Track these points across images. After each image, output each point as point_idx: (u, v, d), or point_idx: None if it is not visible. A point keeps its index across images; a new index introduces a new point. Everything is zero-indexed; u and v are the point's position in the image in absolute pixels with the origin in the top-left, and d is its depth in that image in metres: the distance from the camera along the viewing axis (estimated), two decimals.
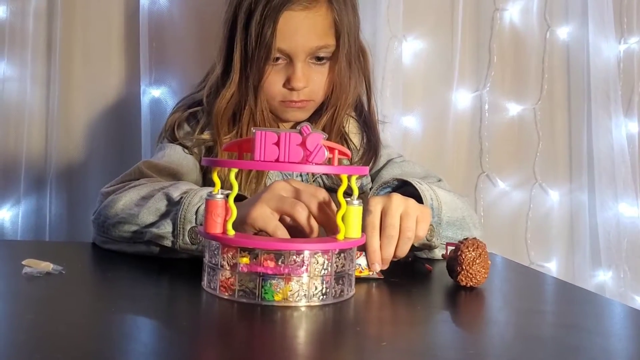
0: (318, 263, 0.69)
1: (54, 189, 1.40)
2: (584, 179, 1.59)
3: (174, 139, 1.10)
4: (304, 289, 0.68)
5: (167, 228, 0.85)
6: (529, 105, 1.59)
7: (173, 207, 0.86)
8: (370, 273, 0.83)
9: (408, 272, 0.90)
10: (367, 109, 1.17)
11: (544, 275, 1.05)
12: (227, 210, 0.72)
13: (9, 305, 0.66)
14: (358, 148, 1.14)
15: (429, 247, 0.94)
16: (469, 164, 1.58)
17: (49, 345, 0.54)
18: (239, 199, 0.81)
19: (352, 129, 1.15)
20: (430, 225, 0.91)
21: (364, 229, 0.80)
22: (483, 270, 0.80)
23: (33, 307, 0.65)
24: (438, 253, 0.96)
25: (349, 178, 0.73)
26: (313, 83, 1.06)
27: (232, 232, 0.71)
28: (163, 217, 0.87)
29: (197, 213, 0.83)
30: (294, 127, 1.06)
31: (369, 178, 1.15)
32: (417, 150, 1.52)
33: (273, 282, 0.68)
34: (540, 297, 0.88)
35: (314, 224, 0.77)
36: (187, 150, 1.09)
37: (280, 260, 0.68)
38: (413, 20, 1.52)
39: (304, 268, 0.68)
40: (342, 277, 0.71)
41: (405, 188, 0.97)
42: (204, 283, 0.73)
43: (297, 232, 0.77)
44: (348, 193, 0.72)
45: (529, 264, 1.57)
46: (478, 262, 0.79)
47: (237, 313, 0.67)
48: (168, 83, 1.42)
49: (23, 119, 1.37)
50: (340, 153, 0.75)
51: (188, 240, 0.84)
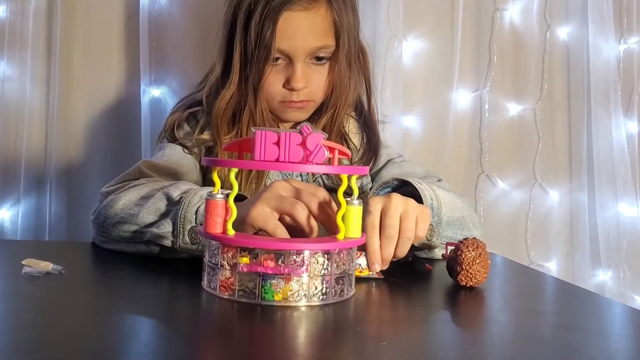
0: (318, 263, 0.69)
1: (54, 189, 1.40)
2: (584, 179, 1.59)
3: (174, 139, 1.10)
4: (304, 289, 0.68)
5: (167, 228, 0.85)
6: (529, 105, 1.59)
7: (173, 206, 0.86)
8: (370, 273, 0.83)
9: (408, 272, 0.90)
10: (367, 109, 1.17)
11: (544, 275, 1.05)
12: (227, 210, 0.72)
13: (9, 305, 0.66)
14: (358, 148, 1.14)
15: (429, 247, 0.94)
16: (469, 164, 1.58)
17: (49, 345, 0.54)
18: (239, 199, 0.81)
19: (352, 129, 1.15)
20: (430, 225, 0.91)
21: (364, 229, 0.80)
22: (483, 270, 0.80)
23: (33, 307, 0.65)
24: (438, 253, 0.96)
25: (349, 178, 0.73)
26: (313, 83, 1.06)
27: (232, 232, 0.71)
28: (163, 216, 0.87)
29: (197, 213, 0.83)
30: (294, 127, 1.06)
31: (369, 178, 1.15)
32: (417, 150, 1.52)
33: (273, 282, 0.68)
34: (540, 297, 0.88)
35: (314, 224, 0.77)
36: (186, 150, 1.09)
37: (280, 260, 0.68)
38: (413, 20, 1.52)
39: (304, 268, 0.68)
40: (342, 277, 0.71)
41: (405, 188, 0.97)
42: (204, 283, 0.73)
43: (297, 231, 0.77)
44: (348, 193, 0.72)
45: (529, 264, 1.57)
46: (478, 262, 0.79)
47: (237, 313, 0.67)
48: (168, 83, 1.42)
49: (23, 119, 1.36)
50: (341, 153, 0.75)
51: (188, 240, 0.84)
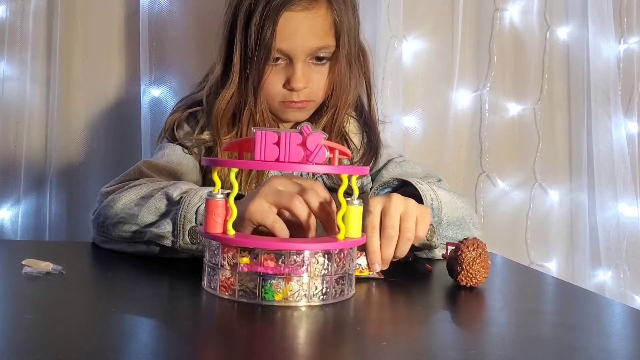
0: (318, 263, 0.69)
1: (54, 189, 1.40)
2: (584, 179, 1.59)
3: (174, 139, 1.10)
4: (304, 289, 0.68)
5: (167, 228, 0.85)
6: (529, 105, 1.59)
7: (173, 206, 0.86)
8: (371, 273, 0.83)
9: (408, 272, 0.90)
10: (367, 109, 1.17)
11: (544, 275, 1.05)
12: (227, 210, 0.72)
13: (9, 305, 0.66)
14: (358, 148, 1.14)
15: (429, 247, 0.94)
16: (469, 164, 1.58)
17: (49, 345, 0.54)
18: (239, 199, 0.81)
19: (352, 129, 1.15)
20: (431, 225, 0.91)
21: (364, 229, 0.80)
22: (483, 270, 0.80)
23: (33, 307, 0.65)
24: (438, 253, 0.96)
25: (350, 178, 0.73)
26: (313, 83, 1.05)
27: (232, 232, 0.71)
28: (163, 216, 0.87)
29: (197, 213, 0.83)
30: (294, 127, 1.06)
31: (369, 178, 1.15)
32: (417, 150, 1.52)
33: (273, 282, 0.68)
34: (540, 297, 0.88)
35: (312, 218, 0.77)
36: (186, 150, 1.09)
37: (281, 260, 0.68)
38: (413, 20, 1.52)
39: (304, 268, 0.68)
40: (342, 277, 0.71)
41: (406, 188, 0.97)
42: (204, 283, 0.73)
43: (295, 226, 0.77)
44: (348, 193, 0.72)
45: (529, 264, 1.57)
46: (478, 262, 0.79)
47: (237, 313, 0.67)
48: (168, 83, 1.42)
49: (23, 119, 1.36)
50: (341, 153, 0.75)
51: (188, 240, 0.84)
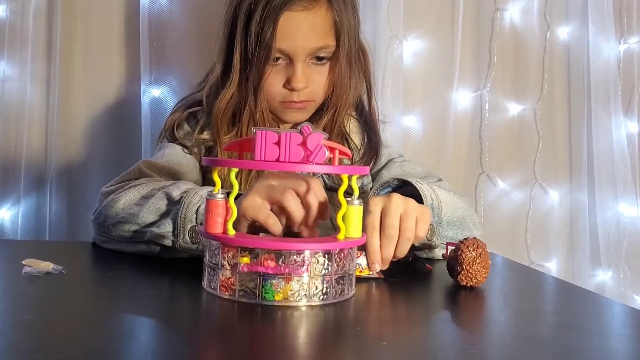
0: (318, 263, 0.69)
1: (54, 189, 1.40)
2: (584, 179, 1.59)
3: (174, 139, 1.10)
4: (305, 289, 0.68)
5: (167, 227, 0.85)
6: (529, 105, 1.59)
7: (173, 206, 0.86)
8: (371, 273, 0.83)
9: (408, 271, 0.90)
10: (367, 109, 1.17)
11: (544, 275, 1.05)
12: (227, 210, 0.72)
13: (9, 305, 0.66)
14: (359, 148, 1.14)
15: (430, 246, 0.94)
16: (469, 164, 1.58)
17: (49, 345, 0.54)
18: None
19: (352, 129, 1.15)
20: (431, 225, 0.91)
21: (364, 229, 0.80)
22: (483, 270, 0.80)
23: (33, 307, 0.65)
24: (438, 253, 0.96)
25: (350, 178, 0.73)
26: (313, 83, 1.05)
27: (232, 231, 0.71)
28: (163, 216, 0.87)
29: (197, 212, 0.83)
30: (295, 127, 1.06)
31: (370, 178, 1.15)
32: (417, 150, 1.52)
33: (273, 281, 0.68)
34: (540, 297, 0.88)
35: (311, 209, 0.76)
36: (186, 150, 1.09)
37: (281, 260, 0.68)
38: (413, 20, 1.52)
39: (305, 268, 0.68)
40: (342, 277, 0.71)
41: (406, 188, 0.97)
42: (204, 283, 0.73)
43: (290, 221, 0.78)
44: (349, 193, 0.72)
45: (529, 264, 1.57)
46: (478, 261, 0.79)
47: (237, 313, 0.67)
48: (168, 83, 1.42)
49: (23, 119, 1.36)
50: (341, 153, 0.75)
51: (188, 240, 0.84)
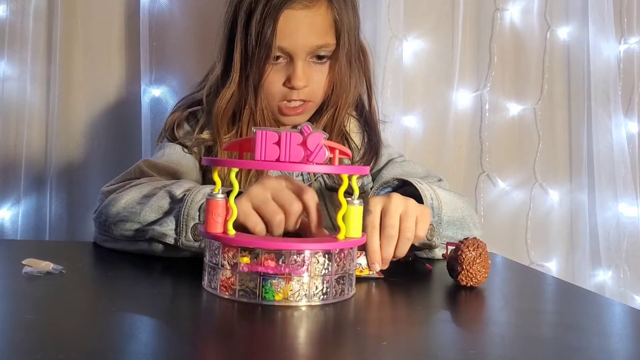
0: (319, 263, 0.69)
1: (54, 189, 1.40)
2: (584, 179, 1.59)
3: (174, 139, 1.10)
4: (305, 289, 0.68)
5: (169, 225, 0.85)
6: (529, 105, 1.59)
7: (176, 204, 0.86)
8: (371, 272, 0.83)
9: (408, 271, 0.90)
10: (368, 109, 1.17)
11: (544, 275, 1.05)
12: (227, 210, 0.72)
13: (9, 305, 0.66)
14: (359, 147, 1.14)
15: (430, 246, 0.94)
16: (469, 164, 1.58)
17: (49, 345, 0.54)
18: None
19: (353, 129, 1.15)
20: (431, 225, 0.91)
21: (364, 229, 0.80)
22: (483, 270, 0.80)
23: (33, 307, 0.65)
24: (438, 253, 0.96)
25: (350, 178, 0.73)
26: (313, 82, 1.05)
27: (232, 231, 0.71)
28: (166, 214, 0.87)
29: (200, 210, 0.83)
30: (295, 126, 1.06)
31: (370, 178, 1.15)
32: (417, 150, 1.52)
33: (274, 281, 0.68)
34: (540, 297, 0.88)
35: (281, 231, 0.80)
36: (186, 150, 1.09)
37: (281, 260, 0.68)
38: (413, 20, 1.52)
39: (305, 268, 0.68)
40: (342, 276, 0.71)
41: (406, 188, 0.97)
42: (205, 283, 0.73)
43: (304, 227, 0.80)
44: (349, 192, 0.72)
45: (529, 264, 1.57)
46: (478, 261, 0.79)
47: (237, 313, 0.67)
48: (168, 82, 1.42)
49: (23, 119, 1.36)
50: (341, 153, 0.75)
51: (191, 237, 0.84)
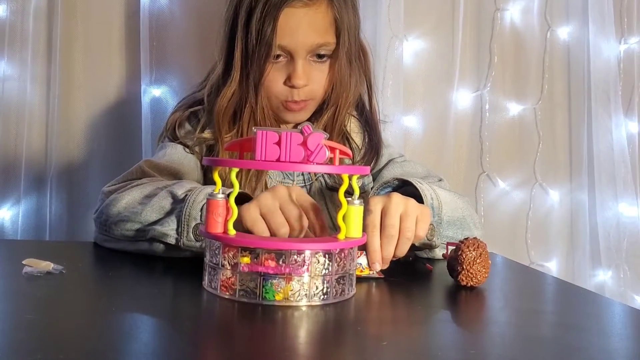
0: (319, 263, 0.69)
1: (54, 189, 1.39)
2: (584, 179, 1.59)
3: (175, 138, 1.10)
4: (305, 289, 0.68)
5: (171, 225, 0.85)
6: (530, 105, 1.59)
7: (177, 204, 0.86)
8: (371, 272, 0.83)
9: (408, 271, 0.90)
10: (368, 109, 1.17)
11: (544, 275, 1.05)
12: (227, 210, 0.72)
13: (9, 305, 0.66)
14: (360, 147, 1.14)
15: (430, 246, 0.94)
16: (470, 164, 1.58)
17: (49, 345, 0.54)
18: (241, 198, 0.81)
19: (354, 129, 1.15)
20: (431, 225, 0.91)
21: (365, 229, 0.80)
22: (483, 270, 0.80)
23: (33, 307, 0.65)
24: (439, 252, 0.96)
25: (350, 178, 0.73)
26: (313, 81, 1.05)
27: (232, 231, 0.71)
28: (167, 214, 0.87)
29: (202, 210, 0.83)
30: (295, 126, 1.06)
31: (371, 177, 1.15)
32: (417, 150, 1.52)
33: (274, 281, 0.68)
34: (540, 297, 0.88)
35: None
36: (188, 150, 1.09)
37: (281, 260, 0.68)
38: (414, 20, 1.52)
39: (305, 268, 0.68)
40: (343, 276, 0.71)
41: (406, 188, 0.97)
42: (205, 283, 0.73)
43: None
44: (349, 192, 0.72)
45: (529, 264, 1.57)
46: (478, 261, 0.79)
47: (237, 313, 0.67)
48: (169, 82, 1.41)
49: (23, 118, 1.36)
50: (342, 153, 0.75)
51: (192, 237, 0.84)
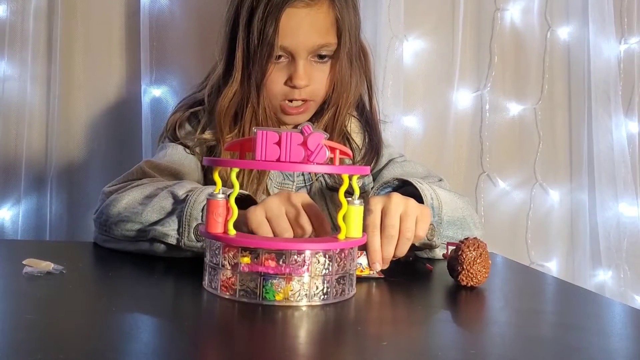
0: (319, 263, 0.69)
1: (55, 189, 1.39)
2: (584, 179, 1.59)
3: (176, 139, 1.10)
4: (305, 289, 0.68)
5: (172, 225, 0.85)
6: (530, 105, 1.59)
7: (178, 204, 0.86)
8: (371, 272, 0.83)
9: (408, 271, 0.90)
10: (368, 109, 1.17)
11: (544, 275, 1.05)
12: (228, 210, 0.72)
13: (9, 305, 0.66)
14: (360, 147, 1.14)
15: (430, 246, 0.94)
16: (470, 164, 1.58)
17: (49, 345, 0.54)
18: (241, 198, 0.81)
19: (354, 129, 1.15)
20: (431, 225, 0.91)
21: (365, 229, 0.80)
22: (484, 270, 0.80)
23: (33, 307, 0.65)
24: (439, 252, 0.96)
25: (351, 178, 0.73)
26: (314, 82, 1.05)
27: (233, 231, 0.71)
28: (168, 215, 0.87)
29: (203, 210, 0.83)
30: (296, 126, 1.06)
31: (371, 177, 1.15)
32: (417, 150, 1.52)
33: (274, 281, 0.68)
34: (540, 297, 0.88)
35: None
36: (188, 150, 1.09)
37: (282, 260, 0.68)
38: (414, 20, 1.52)
39: (305, 268, 0.68)
40: (343, 276, 0.71)
41: (406, 188, 0.97)
42: (205, 283, 0.73)
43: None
44: (349, 192, 0.72)
45: (529, 264, 1.57)
46: (479, 261, 0.79)
47: (238, 313, 0.67)
48: (169, 82, 1.41)
49: (23, 119, 1.36)
50: (342, 153, 0.75)
51: (193, 237, 0.84)
